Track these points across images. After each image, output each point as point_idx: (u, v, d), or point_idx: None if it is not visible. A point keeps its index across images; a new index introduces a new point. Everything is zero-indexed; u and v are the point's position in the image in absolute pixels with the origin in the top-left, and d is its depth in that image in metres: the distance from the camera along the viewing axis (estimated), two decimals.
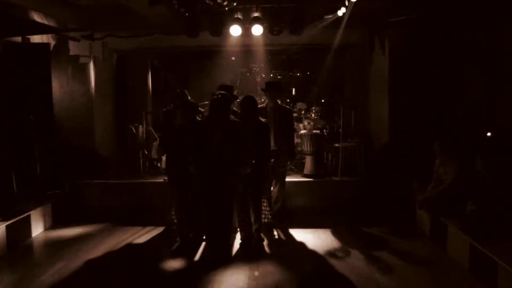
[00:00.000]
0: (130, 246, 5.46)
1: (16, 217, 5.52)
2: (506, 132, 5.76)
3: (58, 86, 7.20)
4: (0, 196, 5.59)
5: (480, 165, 4.97)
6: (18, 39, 6.70)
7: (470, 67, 6.83)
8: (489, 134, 5.94)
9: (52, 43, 7.23)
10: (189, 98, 5.43)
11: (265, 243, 5.42)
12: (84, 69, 7.83)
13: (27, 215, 5.74)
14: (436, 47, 7.11)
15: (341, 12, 6.85)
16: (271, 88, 6.10)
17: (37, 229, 5.98)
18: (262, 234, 5.43)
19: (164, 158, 7.13)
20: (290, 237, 5.73)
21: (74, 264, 4.83)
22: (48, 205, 6.33)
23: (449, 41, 7.08)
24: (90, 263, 4.89)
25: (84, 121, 7.72)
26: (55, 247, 5.44)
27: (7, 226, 5.29)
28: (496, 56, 6.20)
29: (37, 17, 6.19)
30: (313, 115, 8.30)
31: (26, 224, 5.73)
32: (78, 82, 7.71)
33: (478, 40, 6.59)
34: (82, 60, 7.84)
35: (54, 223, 6.36)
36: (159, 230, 6.03)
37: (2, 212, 5.47)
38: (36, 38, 6.95)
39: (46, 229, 6.17)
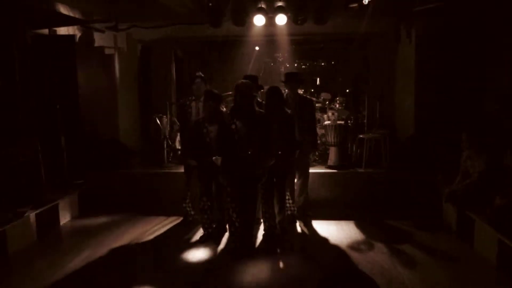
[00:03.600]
0: (154, 236, 5.53)
1: (45, 205, 5.68)
2: None
3: (83, 77, 7.29)
4: (29, 185, 5.74)
5: (509, 159, 4.85)
6: (45, 31, 6.80)
7: (500, 58, 6.62)
8: None
9: (78, 34, 7.32)
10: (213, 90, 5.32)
11: (288, 235, 5.42)
12: (109, 60, 7.91)
13: (55, 204, 5.90)
14: (464, 37, 6.92)
15: (366, 0, 6.71)
16: (290, 79, 6.05)
17: (65, 218, 6.14)
18: (285, 226, 5.43)
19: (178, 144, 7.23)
20: (313, 229, 5.72)
21: (100, 253, 4.94)
22: (74, 195, 6.49)
23: (478, 31, 6.87)
24: (115, 252, 4.99)
25: (109, 112, 7.82)
26: (82, 236, 5.57)
27: (36, 214, 5.44)
28: None
29: (63, 9, 6.27)
30: (337, 105, 8.21)
31: (54, 213, 5.89)
32: (103, 73, 7.80)
33: (509, 31, 6.37)
34: (107, 51, 7.91)
35: (80, 212, 6.51)
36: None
37: (32, 200, 5.62)
38: (62, 30, 7.05)
39: (73, 218, 6.32)
